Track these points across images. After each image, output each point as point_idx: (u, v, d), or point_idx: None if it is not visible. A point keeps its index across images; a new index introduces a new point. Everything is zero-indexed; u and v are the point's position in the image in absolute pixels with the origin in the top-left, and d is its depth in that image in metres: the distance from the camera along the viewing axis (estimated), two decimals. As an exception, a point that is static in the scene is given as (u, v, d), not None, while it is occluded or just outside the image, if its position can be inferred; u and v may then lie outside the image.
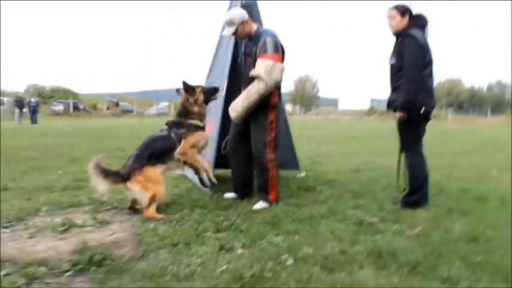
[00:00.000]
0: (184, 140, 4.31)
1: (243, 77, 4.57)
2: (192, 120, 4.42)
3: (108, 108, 49.40)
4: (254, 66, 4.32)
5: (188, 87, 4.42)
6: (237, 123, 4.60)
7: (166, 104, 55.35)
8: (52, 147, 10.73)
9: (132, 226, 3.80)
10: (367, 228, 3.69)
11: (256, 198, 4.59)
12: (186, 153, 4.31)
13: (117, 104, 51.47)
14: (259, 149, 4.46)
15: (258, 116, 4.44)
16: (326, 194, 5.13)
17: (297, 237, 3.40)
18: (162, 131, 4.42)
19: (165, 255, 3.01)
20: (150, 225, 3.78)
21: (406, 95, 4.19)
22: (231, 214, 4.09)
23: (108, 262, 2.87)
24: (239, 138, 4.67)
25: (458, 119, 44.38)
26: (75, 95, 52.41)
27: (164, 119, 5.80)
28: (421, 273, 2.75)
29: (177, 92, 4.53)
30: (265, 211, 4.20)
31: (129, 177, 4.07)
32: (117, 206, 4.46)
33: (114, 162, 5.22)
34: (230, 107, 4.51)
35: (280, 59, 4.36)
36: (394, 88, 4.41)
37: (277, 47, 4.32)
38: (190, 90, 4.43)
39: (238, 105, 4.40)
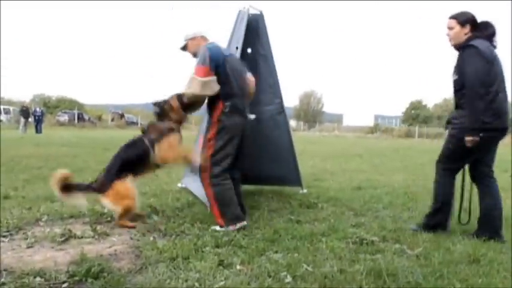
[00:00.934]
0: (158, 145, 4.25)
1: None
2: (165, 124, 4.36)
3: (113, 120, 49.62)
4: None
5: (160, 112, 4.39)
6: None
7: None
8: (55, 157, 10.77)
9: (131, 239, 3.79)
10: (368, 247, 3.66)
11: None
12: (166, 158, 4.27)
13: (122, 115, 51.73)
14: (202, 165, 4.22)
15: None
16: (327, 211, 5.11)
17: (296, 255, 3.37)
18: (134, 138, 4.40)
19: (163, 269, 2.99)
20: (150, 238, 3.77)
21: (471, 115, 3.77)
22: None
23: (105, 274, 2.86)
24: None
25: None
26: (81, 106, 52.79)
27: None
28: (421, 294, 2.72)
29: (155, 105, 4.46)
30: (266, 227, 4.17)
31: (100, 192, 4.17)
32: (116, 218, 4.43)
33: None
34: None
35: (203, 72, 4.06)
36: (456, 106, 4.08)
37: (205, 60, 4.06)
38: (164, 113, 4.39)
39: None
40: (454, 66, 4.01)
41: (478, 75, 3.74)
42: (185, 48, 4.48)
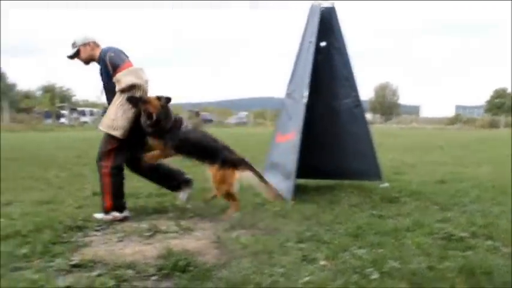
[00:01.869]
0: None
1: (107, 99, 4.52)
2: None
3: (189, 118, 51.02)
4: (105, 89, 4.45)
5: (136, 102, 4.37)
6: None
7: (246, 113, 56.27)
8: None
9: (214, 234, 3.87)
10: (457, 244, 3.48)
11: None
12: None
13: (198, 113, 53.11)
14: (99, 152, 4.41)
15: None
16: (411, 205, 4.93)
17: (381, 251, 3.29)
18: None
19: (247, 264, 3.02)
20: (233, 233, 3.84)
21: None
22: (312, 224, 4.07)
23: (191, 268, 2.94)
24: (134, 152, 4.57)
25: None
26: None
27: (243, 128, 5.90)
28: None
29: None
30: (348, 222, 4.11)
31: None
32: (199, 213, 4.59)
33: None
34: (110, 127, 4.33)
35: (131, 64, 4.33)
36: None
37: (121, 57, 4.34)
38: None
39: (119, 121, 4.29)
40: None
41: None
42: (76, 55, 4.50)
